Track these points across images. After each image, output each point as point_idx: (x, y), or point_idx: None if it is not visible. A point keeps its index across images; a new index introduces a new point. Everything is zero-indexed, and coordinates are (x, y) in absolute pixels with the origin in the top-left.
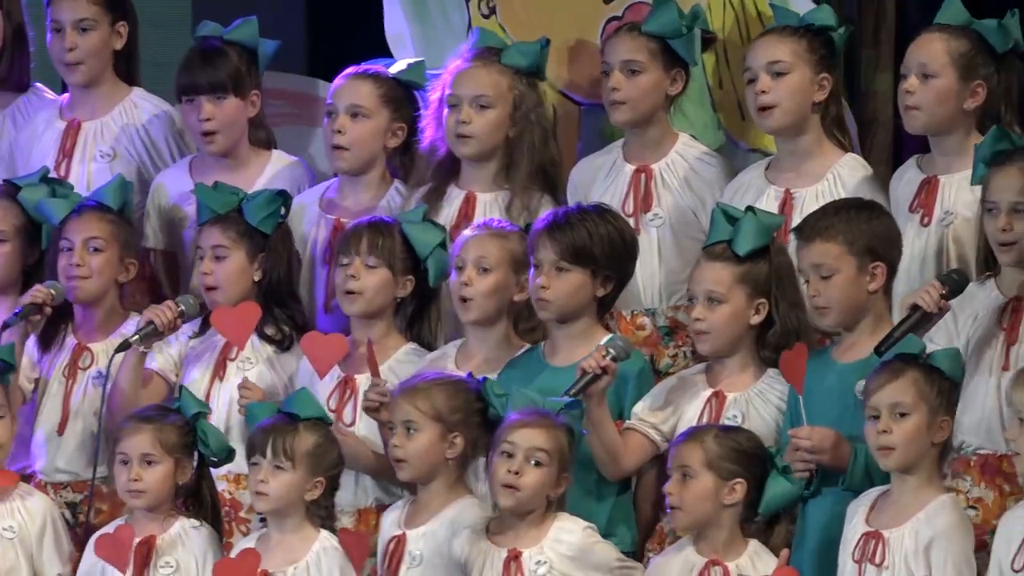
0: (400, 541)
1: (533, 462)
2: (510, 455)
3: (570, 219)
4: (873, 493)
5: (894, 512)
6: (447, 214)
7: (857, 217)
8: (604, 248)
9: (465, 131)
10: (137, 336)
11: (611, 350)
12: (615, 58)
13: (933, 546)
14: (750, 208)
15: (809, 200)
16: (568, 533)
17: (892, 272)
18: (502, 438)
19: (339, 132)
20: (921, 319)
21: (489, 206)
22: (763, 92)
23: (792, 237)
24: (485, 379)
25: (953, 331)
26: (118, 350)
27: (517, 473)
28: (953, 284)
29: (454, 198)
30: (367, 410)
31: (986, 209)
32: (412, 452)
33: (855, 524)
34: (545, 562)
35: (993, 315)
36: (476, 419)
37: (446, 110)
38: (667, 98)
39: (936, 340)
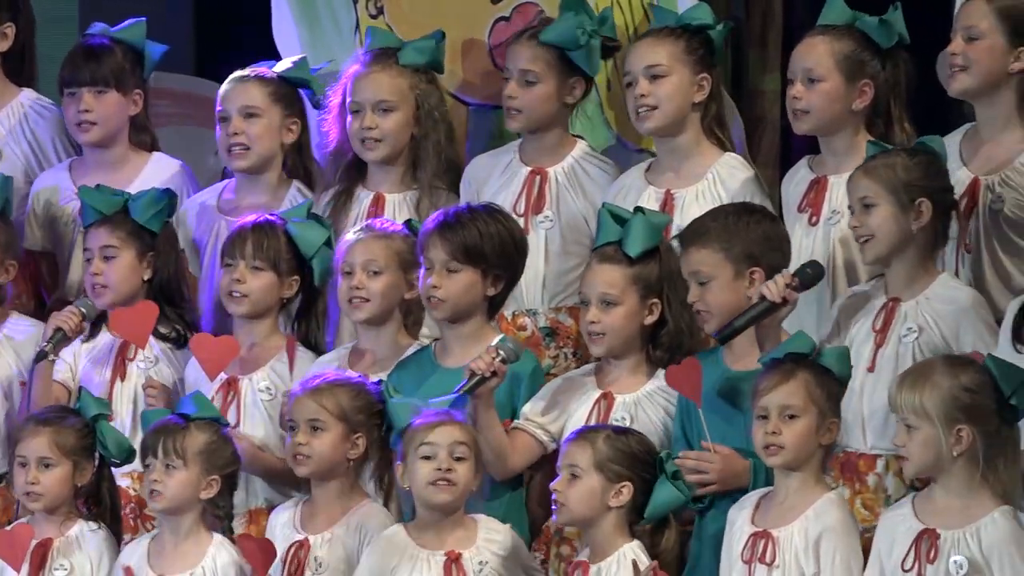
0: (303, 546)
1: (456, 456)
2: (431, 456)
3: (461, 218)
4: (755, 495)
5: (780, 511)
6: (356, 215)
7: (736, 223)
8: (495, 247)
9: (371, 136)
10: (50, 345)
11: (501, 352)
12: (514, 65)
13: (822, 541)
14: (639, 209)
15: (689, 200)
16: (496, 533)
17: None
18: (417, 441)
19: (235, 134)
20: (767, 309)
21: (399, 206)
22: (642, 96)
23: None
24: (383, 383)
25: (837, 335)
26: (36, 361)
27: (449, 470)
28: (805, 277)
29: (363, 199)
30: None
31: (849, 212)
32: (316, 450)
33: (740, 526)
34: (486, 562)
35: (870, 316)
36: (376, 422)
37: (349, 116)
38: (566, 105)
39: (831, 342)
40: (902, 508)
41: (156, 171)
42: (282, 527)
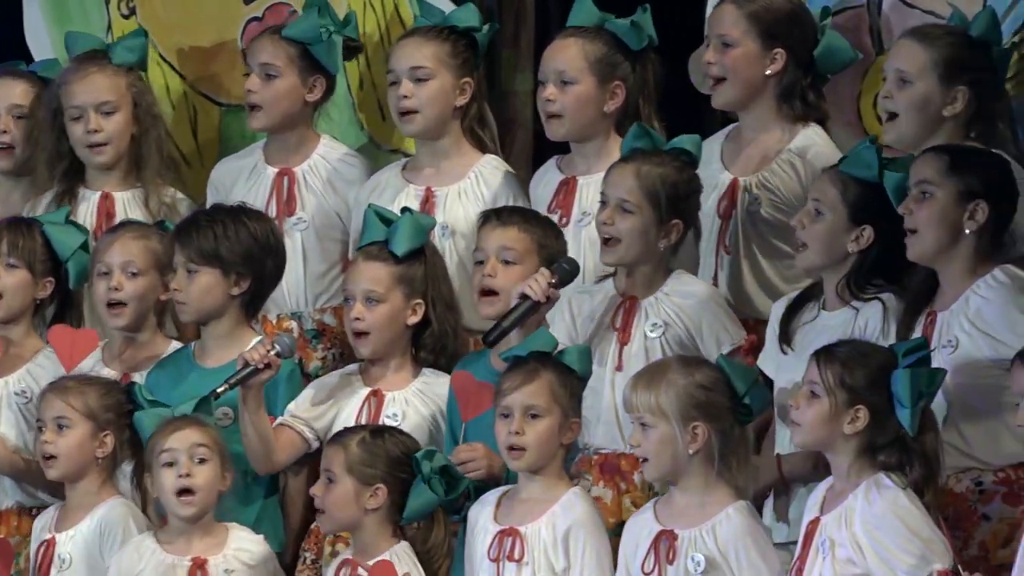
0: (50, 545)
1: (197, 460)
2: (172, 463)
3: (199, 220)
4: (495, 494)
5: (526, 508)
6: (84, 215)
7: (550, 231)
8: (232, 247)
9: (97, 139)
10: None
11: (277, 345)
12: (254, 61)
13: (571, 535)
14: (406, 209)
15: (452, 198)
16: (249, 542)
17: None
18: (158, 449)
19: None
20: (530, 308)
21: (129, 204)
22: (405, 97)
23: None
24: (135, 383)
25: (573, 330)
26: None
27: (188, 475)
28: (563, 273)
29: (89, 199)
30: None
31: (600, 201)
32: (63, 449)
33: (483, 525)
34: (233, 570)
35: (607, 314)
36: (127, 421)
37: (69, 121)
38: (306, 104)
39: (557, 338)
40: (645, 512)
41: None
42: (40, 529)
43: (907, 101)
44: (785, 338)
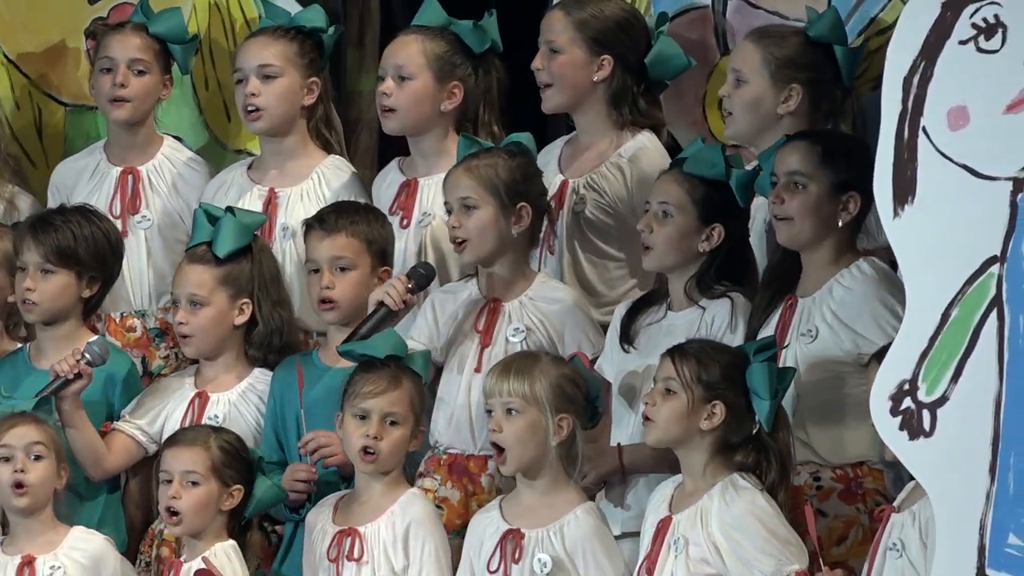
0: None
1: (33, 457)
2: (7, 459)
3: (54, 221)
4: (332, 498)
5: (365, 510)
6: None
7: (376, 222)
8: (88, 249)
9: None
10: None
11: (86, 354)
12: (123, 55)
13: (410, 534)
14: (229, 208)
15: (294, 199)
16: (85, 542)
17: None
18: None
19: None
20: (387, 315)
21: None
22: (253, 95)
23: (300, 227)
24: None
25: (435, 330)
26: None
27: (23, 471)
28: (419, 278)
29: None
30: None
31: (445, 210)
32: None
33: (322, 527)
34: (60, 567)
35: (470, 316)
36: None
37: None
38: (159, 100)
39: (418, 338)
40: (491, 511)
41: None
42: None
43: (741, 100)
44: (626, 338)
